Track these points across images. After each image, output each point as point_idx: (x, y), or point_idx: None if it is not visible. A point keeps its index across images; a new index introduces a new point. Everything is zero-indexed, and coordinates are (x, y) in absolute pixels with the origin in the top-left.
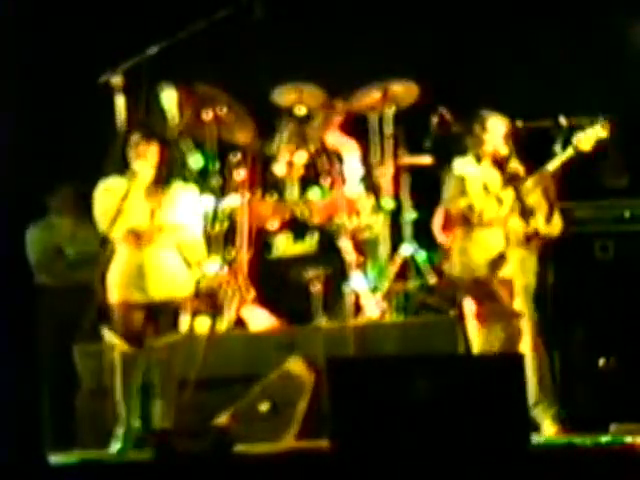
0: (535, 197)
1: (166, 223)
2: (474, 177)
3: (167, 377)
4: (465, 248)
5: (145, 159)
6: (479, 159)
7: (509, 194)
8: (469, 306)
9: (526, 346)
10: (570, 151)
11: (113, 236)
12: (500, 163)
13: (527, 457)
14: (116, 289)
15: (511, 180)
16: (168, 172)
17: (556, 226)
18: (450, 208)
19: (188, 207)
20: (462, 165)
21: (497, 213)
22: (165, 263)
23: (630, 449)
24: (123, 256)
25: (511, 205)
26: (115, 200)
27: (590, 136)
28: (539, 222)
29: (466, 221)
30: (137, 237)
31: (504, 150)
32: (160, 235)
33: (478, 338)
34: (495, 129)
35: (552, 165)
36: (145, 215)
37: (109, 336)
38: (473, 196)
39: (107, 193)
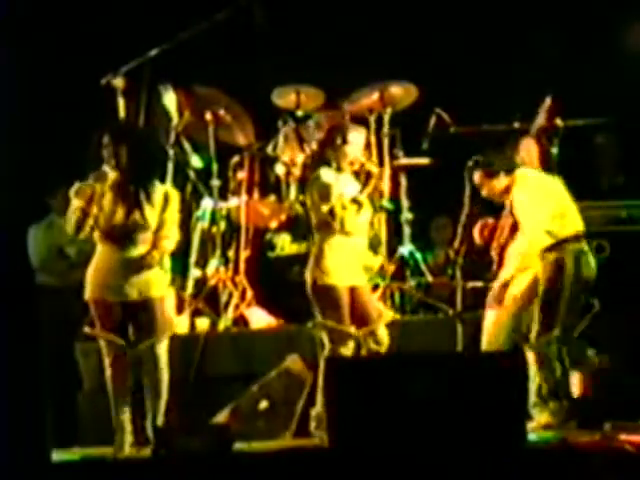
0: None
1: (143, 223)
2: (336, 186)
3: (156, 377)
4: (320, 253)
5: (114, 160)
6: (340, 169)
7: (368, 203)
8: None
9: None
10: (533, 128)
11: (80, 238)
12: (359, 173)
13: (524, 454)
14: (92, 287)
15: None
16: (143, 173)
17: None
18: (313, 213)
19: (171, 208)
20: (326, 174)
21: (357, 221)
22: (141, 263)
23: (623, 447)
24: (100, 254)
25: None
26: (81, 203)
27: (540, 114)
28: None
29: (327, 227)
30: (111, 237)
31: (362, 159)
32: (137, 235)
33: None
34: (356, 140)
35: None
36: (119, 215)
37: (92, 335)
38: (335, 203)
39: (75, 196)
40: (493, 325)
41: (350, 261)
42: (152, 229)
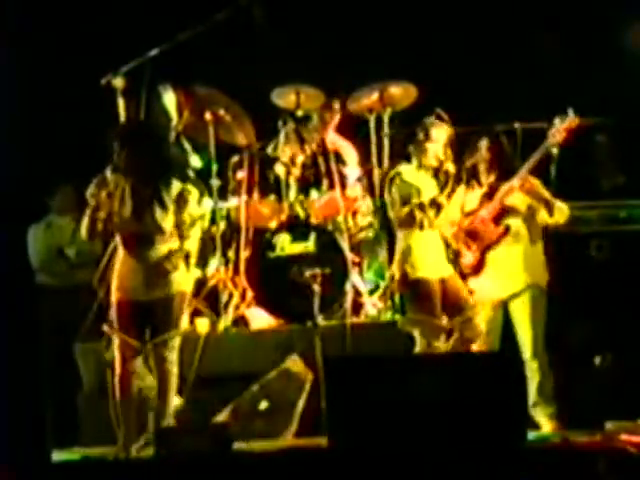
0: (519, 197)
1: (154, 225)
2: (416, 186)
3: (166, 376)
4: (408, 249)
5: (121, 163)
6: (421, 166)
7: (446, 199)
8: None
9: (528, 349)
10: (543, 148)
11: (92, 242)
12: (438, 170)
13: (523, 454)
14: (116, 289)
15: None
16: (152, 174)
17: (560, 216)
18: (396, 211)
19: (188, 206)
20: (407, 172)
21: (437, 217)
22: (163, 266)
23: (624, 447)
24: (122, 258)
25: (448, 210)
26: (89, 209)
27: (559, 128)
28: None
29: (410, 223)
30: (127, 241)
31: (443, 157)
32: (154, 237)
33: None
34: (438, 137)
35: (530, 164)
36: (129, 219)
37: (110, 334)
38: (414, 206)
39: (89, 201)
40: None
41: (437, 252)
42: (167, 230)
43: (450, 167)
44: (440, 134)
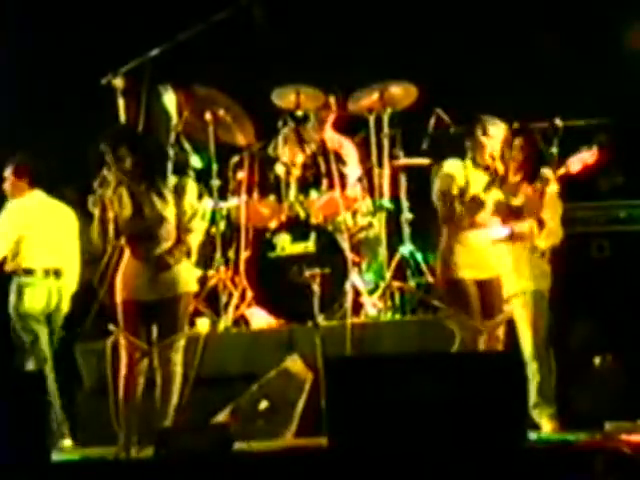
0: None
1: (158, 218)
2: (459, 179)
3: (170, 377)
4: (448, 248)
5: (117, 164)
6: (475, 161)
7: (494, 197)
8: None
9: (528, 349)
10: (561, 171)
11: (103, 247)
12: (488, 167)
13: (524, 455)
14: (121, 289)
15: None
16: (148, 169)
17: (547, 239)
18: (437, 205)
19: (187, 197)
20: (451, 165)
21: (481, 215)
22: (167, 259)
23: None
24: (127, 258)
25: (495, 208)
26: (97, 213)
27: (580, 159)
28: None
29: (451, 217)
30: (133, 239)
31: (497, 155)
32: (158, 232)
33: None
34: (495, 134)
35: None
36: (133, 216)
37: (116, 334)
38: (455, 200)
39: (91, 208)
40: None
41: (479, 253)
42: (171, 223)
43: (500, 167)
44: (497, 131)
